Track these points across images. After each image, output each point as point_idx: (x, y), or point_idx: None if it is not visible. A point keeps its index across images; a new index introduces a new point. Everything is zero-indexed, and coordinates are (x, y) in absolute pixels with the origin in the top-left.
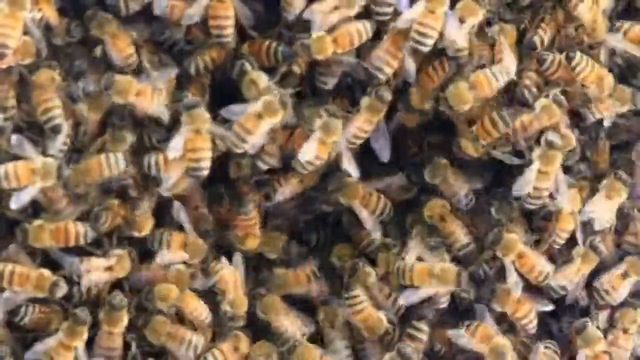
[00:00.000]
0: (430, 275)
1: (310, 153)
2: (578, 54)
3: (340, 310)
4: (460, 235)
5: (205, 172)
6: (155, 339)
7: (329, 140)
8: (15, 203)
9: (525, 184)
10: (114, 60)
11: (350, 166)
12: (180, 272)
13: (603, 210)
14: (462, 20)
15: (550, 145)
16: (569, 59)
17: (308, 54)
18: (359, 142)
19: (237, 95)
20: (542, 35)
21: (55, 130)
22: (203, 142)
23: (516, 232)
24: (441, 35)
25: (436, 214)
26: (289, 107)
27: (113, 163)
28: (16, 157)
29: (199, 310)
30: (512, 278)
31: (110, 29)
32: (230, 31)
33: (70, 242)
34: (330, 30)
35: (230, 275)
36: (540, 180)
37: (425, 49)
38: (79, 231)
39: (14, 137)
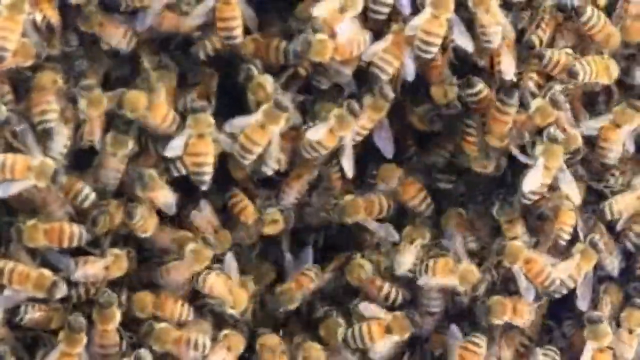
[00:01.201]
0: (452, 270)
1: (318, 134)
2: (578, 65)
3: (340, 321)
4: (419, 198)
5: (207, 177)
6: (161, 347)
7: (339, 133)
8: (2, 192)
9: (535, 180)
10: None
11: (348, 164)
12: (196, 251)
13: (630, 206)
14: (487, 11)
15: (552, 139)
16: (572, 74)
17: (307, 52)
18: (359, 139)
19: (241, 99)
20: (541, 34)
21: (47, 133)
22: (205, 147)
23: (516, 234)
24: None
25: (393, 177)
26: (290, 108)
27: (82, 196)
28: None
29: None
30: (523, 284)
31: (97, 20)
32: (239, 32)
33: (64, 243)
34: (334, 35)
35: (220, 283)
36: (543, 175)
37: (429, 57)
38: (74, 232)
39: (21, 126)
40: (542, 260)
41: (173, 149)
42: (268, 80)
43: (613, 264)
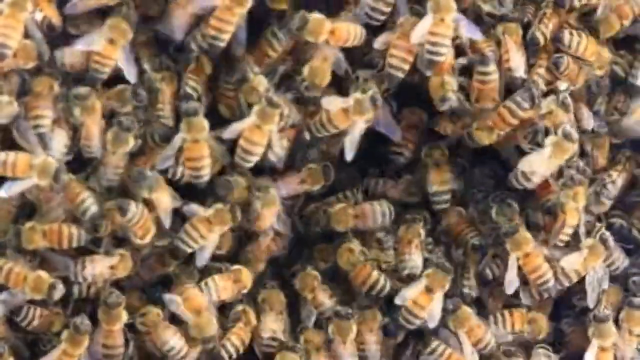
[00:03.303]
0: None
1: (333, 105)
2: (566, 32)
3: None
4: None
5: (206, 178)
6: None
7: (354, 117)
8: (6, 192)
9: (534, 161)
10: None
11: (350, 146)
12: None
13: None
14: None
15: (567, 136)
16: (558, 39)
17: (302, 28)
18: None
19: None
20: (544, 29)
21: (42, 138)
22: (202, 150)
23: None
24: None
25: None
26: (289, 107)
27: (84, 207)
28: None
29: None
30: (511, 275)
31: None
32: (226, 37)
33: (63, 244)
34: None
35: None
36: (545, 164)
37: (440, 59)
38: (73, 233)
39: (20, 123)
40: (543, 257)
41: (163, 163)
42: (262, 82)
43: (620, 261)
